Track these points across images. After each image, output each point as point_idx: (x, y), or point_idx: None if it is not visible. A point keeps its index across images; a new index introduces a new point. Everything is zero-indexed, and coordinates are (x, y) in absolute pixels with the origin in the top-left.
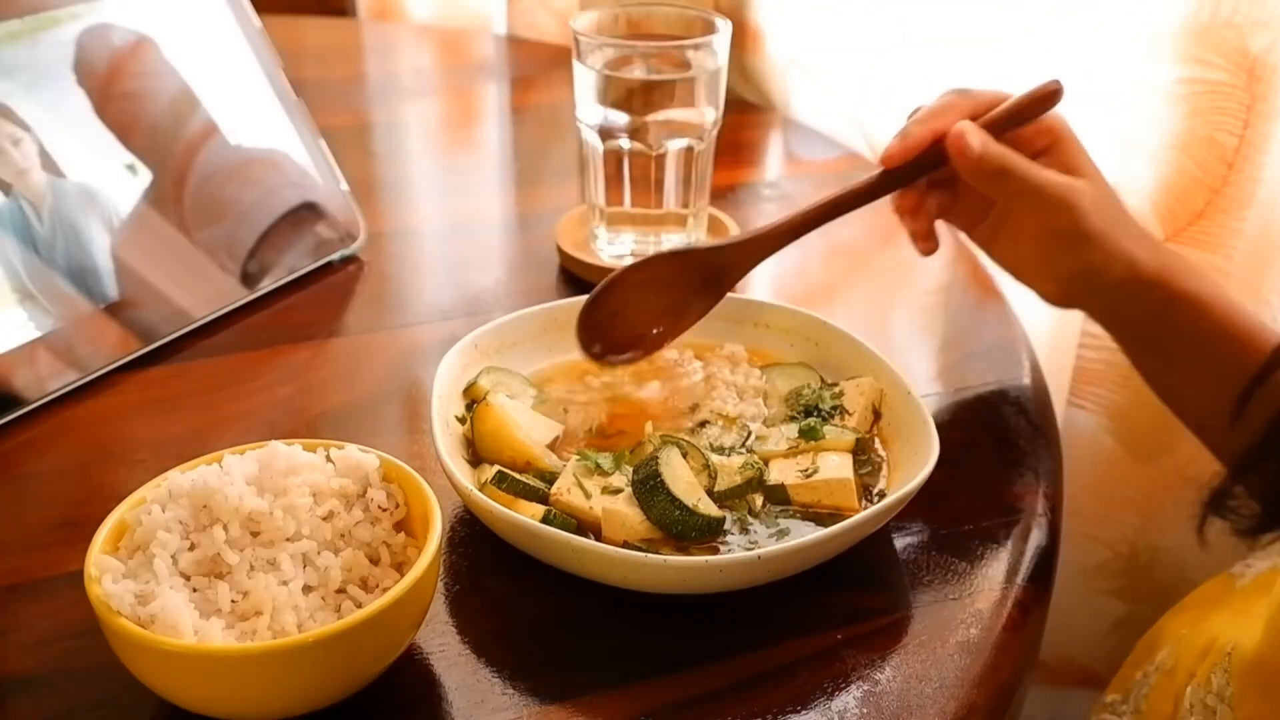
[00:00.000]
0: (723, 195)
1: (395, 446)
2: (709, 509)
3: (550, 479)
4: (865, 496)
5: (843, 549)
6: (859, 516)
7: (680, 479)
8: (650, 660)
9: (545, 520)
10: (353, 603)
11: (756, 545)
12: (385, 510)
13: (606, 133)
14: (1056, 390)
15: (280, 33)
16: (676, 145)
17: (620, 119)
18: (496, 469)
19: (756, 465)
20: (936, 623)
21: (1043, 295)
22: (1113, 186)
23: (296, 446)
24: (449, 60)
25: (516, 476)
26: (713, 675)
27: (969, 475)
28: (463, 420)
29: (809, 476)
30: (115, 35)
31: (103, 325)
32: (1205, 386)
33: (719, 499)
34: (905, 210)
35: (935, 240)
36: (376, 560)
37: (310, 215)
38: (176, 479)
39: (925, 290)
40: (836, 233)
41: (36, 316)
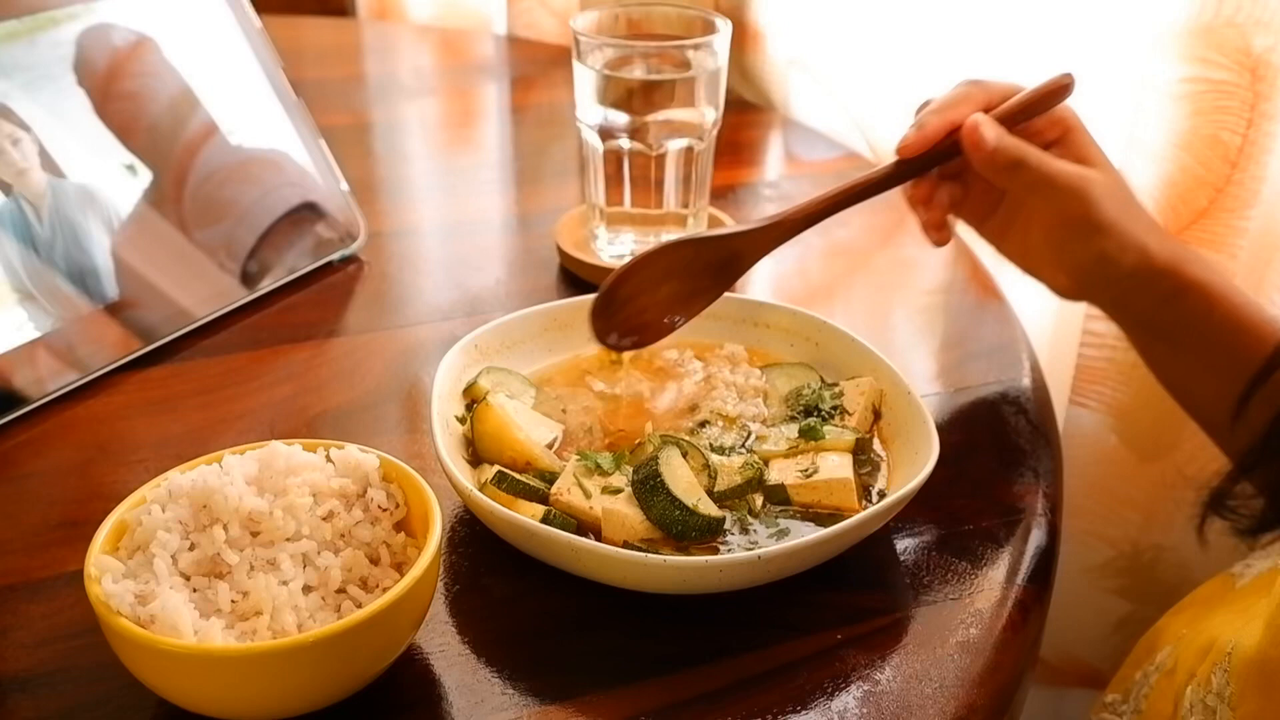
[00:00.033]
0: (723, 195)
1: (395, 446)
2: (709, 509)
3: (550, 479)
4: (865, 496)
5: (843, 549)
6: (859, 516)
7: (680, 479)
8: (650, 660)
9: (545, 520)
10: (353, 603)
11: (756, 545)
12: (385, 510)
13: (606, 133)
14: (1058, 389)
15: (280, 33)
16: (676, 145)
17: (620, 119)
18: (496, 469)
19: (756, 465)
20: (936, 623)
21: (1054, 288)
22: (1124, 177)
23: (296, 446)
24: (449, 60)
25: (516, 476)
26: (713, 675)
27: (969, 475)
28: (463, 420)
29: (809, 476)
30: (115, 35)
31: (103, 325)
32: (1213, 378)
33: (719, 499)
34: (919, 200)
35: (949, 230)
36: (376, 560)
37: (310, 215)
38: (176, 479)
39: (925, 290)
40: (836, 233)
41: (36, 316)
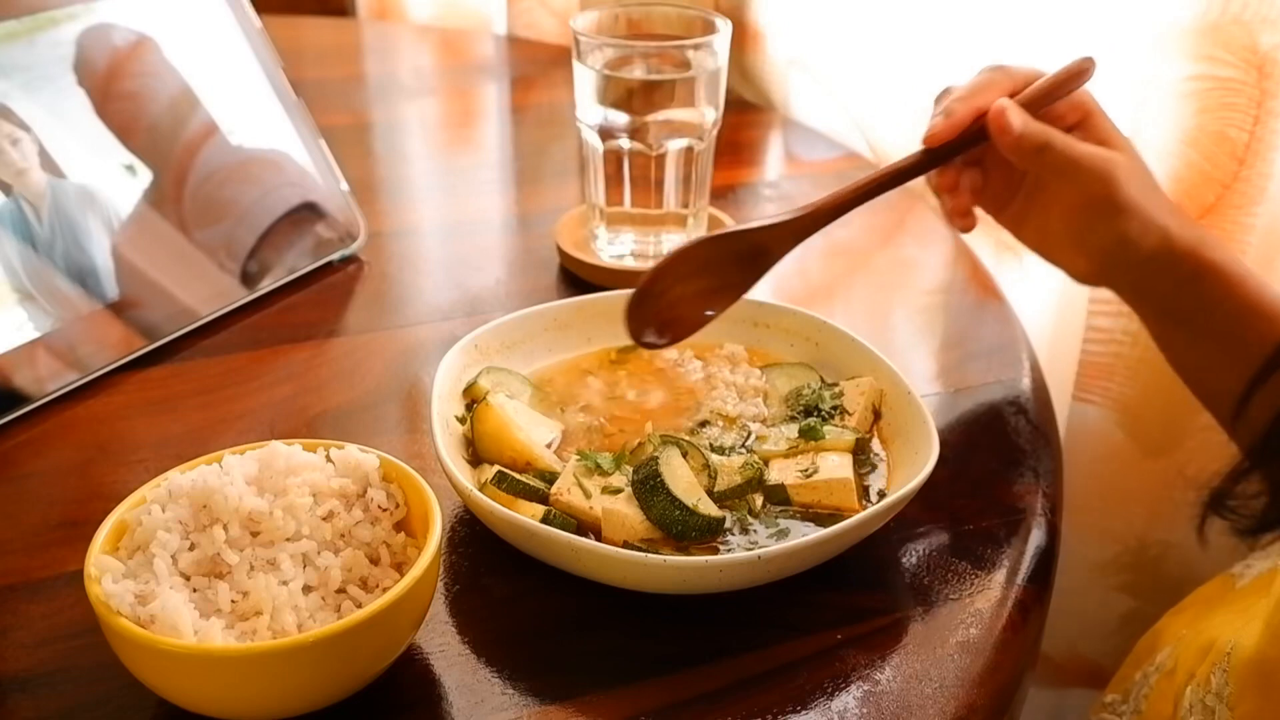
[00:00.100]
0: (723, 195)
1: (395, 446)
2: (709, 509)
3: (550, 479)
4: (865, 496)
5: (843, 549)
6: (859, 516)
7: (680, 479)
8: (650, 660)
9: (545, 520)
10: (353, 603)
11: (756, 545)
12: (385, 510)
13: (606, 133)
14: (1061, 387)
15: (280, 33)
16: (676, 145)
17: (620, 119)
18: (496, 469)
19: (756, 465)
20: (936, 623)
21: (1073, 273)
22: (1144, 160)
23: (296, 446)
24: (449, 60)
25: (516, 476)
26: (713, 675)
27: (969, 475)
28: (463, 420)
29: (809, 476)
30: (115, 35)
31: (103, 325)
32: (1229, 364)
33: (719, 499)
34: (945, 188)
35: (974, 217)
36: (376, 560)
37: (310, 215)
38: (176, 479)
39: (925, 290)
40: (836, 233)
41: (36, 316)
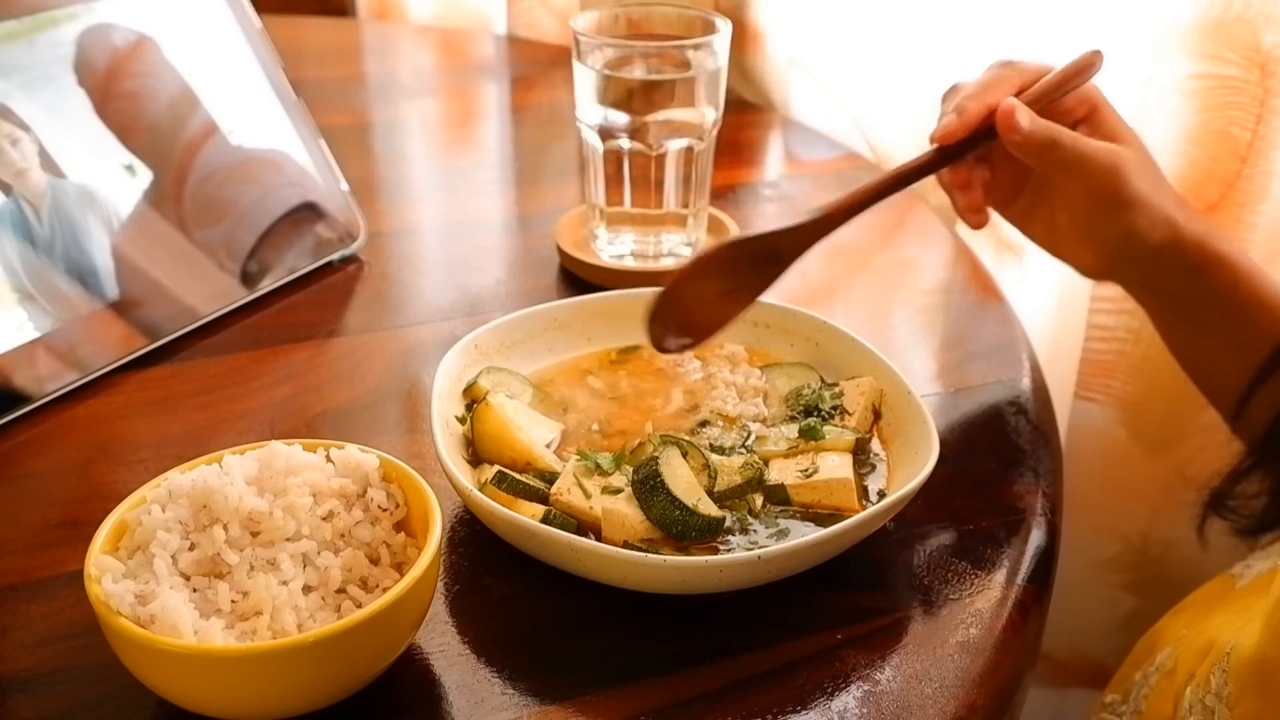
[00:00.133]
0: (723, 195)
1: (395, 446)
2: (709, 509)
3: (550, 479)
4: (865, 496)
5: (843, 549)
6: (859, 516)
7: (680, 479)
8: (650, 660)
9: (545, 520)
10: (353, 603)
11: (756, 545)
12: (385, 510)
13: (606, 133)
14: (1063, 386)
15: (280, 33)
16: (676, 145)
17: (620, 119)
18: (496, 469)
19: (756, 465)
20: (936, 623)
21: (1080, 267)
22: (1150, 152)
23: (296, 446)
24: (449, 60)
25: (516, 476)
26: (713, 675)
27: (969, 475)
28: (463, 420)
29: (809, 476)
30: (115, 35)
31: (103, 325)
32: (1234, 358)
33: (719, 499)
34: (957, 185)
35: (987, 213)
36: (376, 560)
37: (310, 215)
38: (176, 479)
39: (925, 290)
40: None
41: (36, 316)
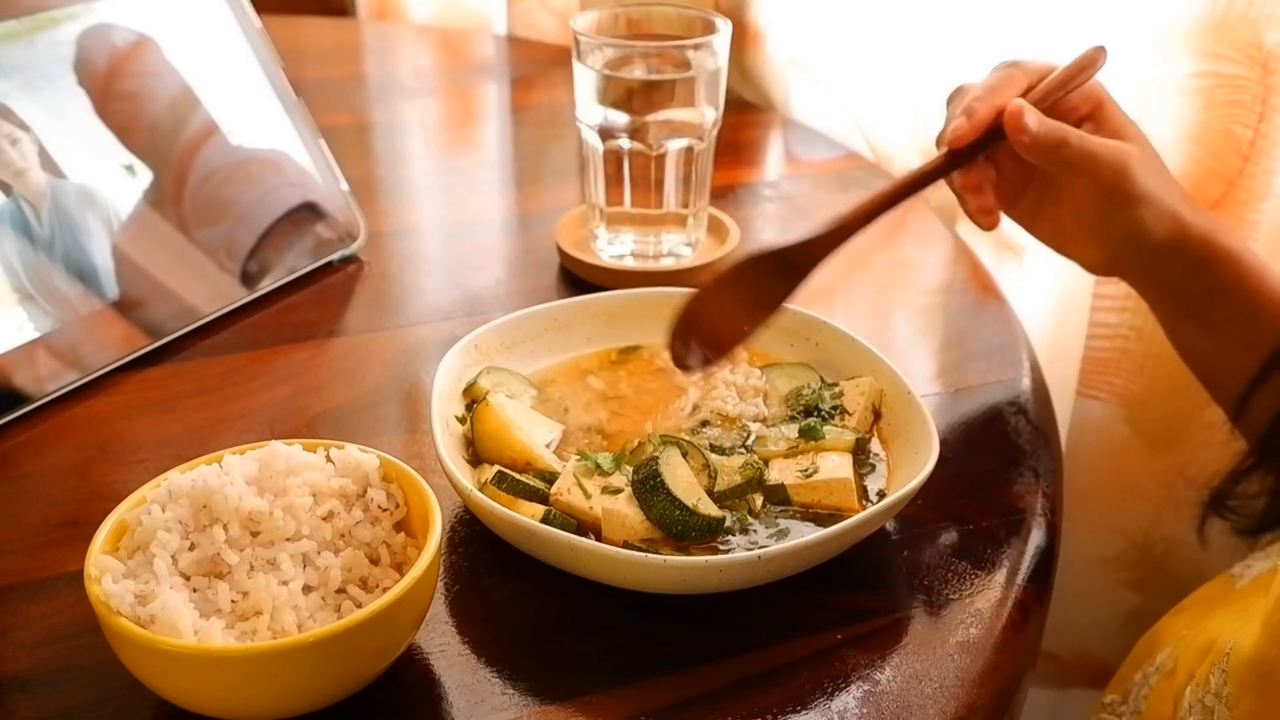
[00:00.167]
0: (723, 195)
1: (395, 446)
2: (709, 509)
3: (550, 479)
4: (865, 496)
5: (843, 549)
6: (859, 516)
7: (680, 479)
8: (650, 660)
9: (545, 520)
10: (353, 603)
11: (756, 545)
12: (385, 510)
13: (606, 133)
14: (1063, 384)
15: (280, 33)
16: (676, 145)
17: (620, 119)
18: (496, 469)
19: (756, 465)
20: (936, 623)
21: (1085, 263)
22: (1155, 148)
23: (296, 446)
24: (449, 60)
25: (516, 476)
26: (713, 675)
27: (969, 475)
28: (463, 420)
29: (809, 476)
30: (115, 35)
31: (103, 325)
32: (1238, 353)
33: (719, 499)
34: (970, 189)
35: (998, 214)
36: (376, 560)
37: (310, 215)
38: (176, 479)
39: (925, 290)
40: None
41: (36, 316)
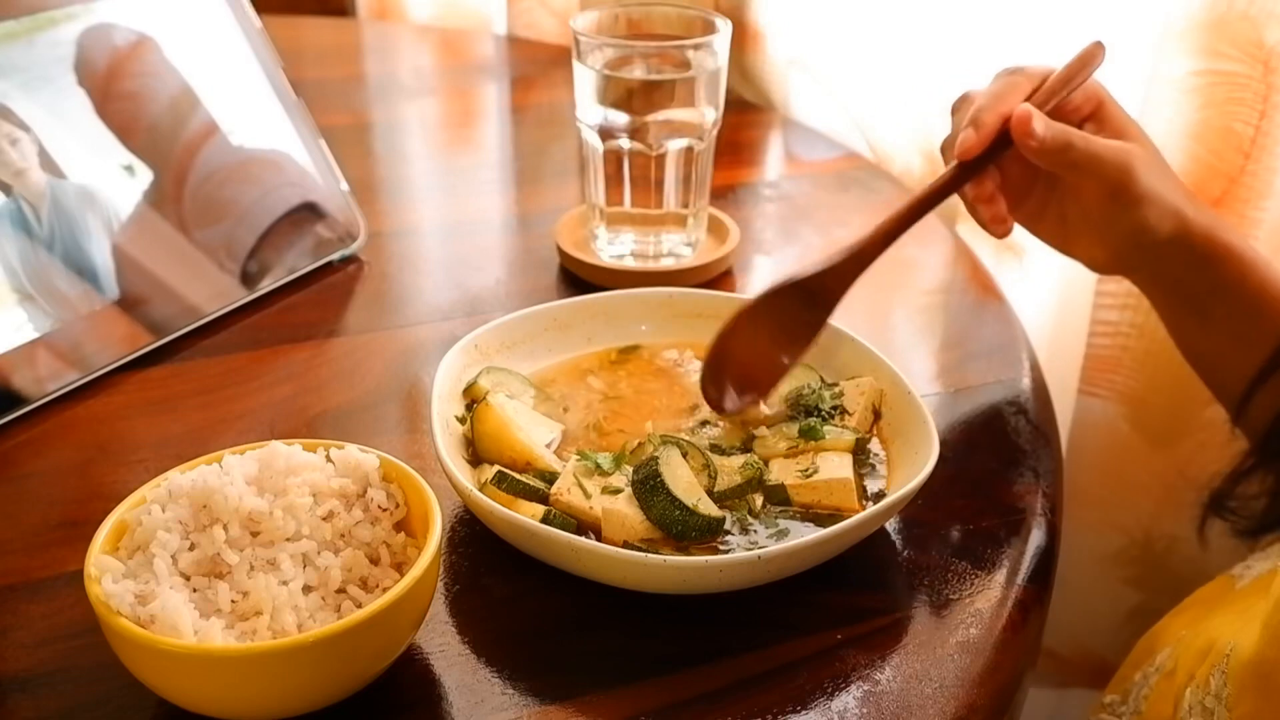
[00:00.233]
0: (723, 195)
1: (395, 446)
2: (709, 509)
3: (550, 479)
4: (865, 496)
5: (843, 549)
6: (859, 516)
7: (680, 479)
8: (650, 660)
9: (545, 520)
10: (353, 603)
11: (756, 545)
12: (385, 510)
13: (606, 133)
14: (1064, 383)
15: (280, 33)
16: (676, 145)
17: (620, 119)
18: (496, 469)
19: (756, 465)
20: (936, 623)
21: (1089, 263)
22: (1156, 146)
23: (296, 446)
24: (449, 60)
25: (516, 476)
26: (713, 675)
27: (969, 475)
28: (463, 420)
29: (809, 476)
30: (115, 35)
31: (102, 325)
32: (1240, 351)
33: (719, 499)
34: (982, 199)
35: (1011, 222)
36: (376, 560)
37: (310, 215)
38: (176, 479)
39: (925, 290)
40: (835, 232)
41: (36, 317)
